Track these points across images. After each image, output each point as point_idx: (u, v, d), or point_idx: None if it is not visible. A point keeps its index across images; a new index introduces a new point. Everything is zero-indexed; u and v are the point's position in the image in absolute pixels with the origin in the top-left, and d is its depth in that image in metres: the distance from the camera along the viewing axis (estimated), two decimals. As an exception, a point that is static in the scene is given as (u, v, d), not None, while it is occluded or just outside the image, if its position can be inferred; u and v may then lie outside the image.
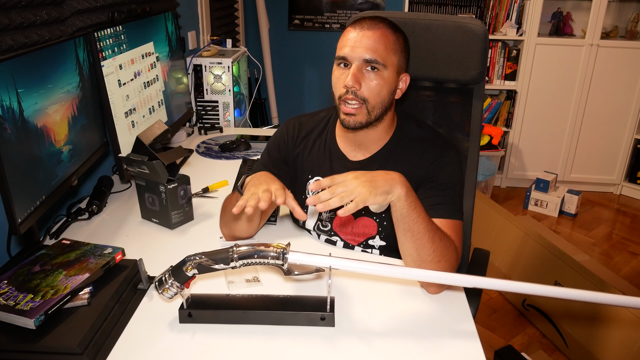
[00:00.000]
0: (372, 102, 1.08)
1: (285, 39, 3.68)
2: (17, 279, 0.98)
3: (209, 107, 2.35)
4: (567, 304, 2.02)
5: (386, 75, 1.07)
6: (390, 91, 1.10)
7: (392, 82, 1.09)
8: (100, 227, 1.36)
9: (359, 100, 1.07)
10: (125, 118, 1.49)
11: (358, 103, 1.07)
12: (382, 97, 1.08)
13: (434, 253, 1.00)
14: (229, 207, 1.18)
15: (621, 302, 1.09)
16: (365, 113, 1.08)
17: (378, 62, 1.05)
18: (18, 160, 1.06)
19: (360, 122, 1.09)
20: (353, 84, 1.05)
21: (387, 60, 1.07)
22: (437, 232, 1.01)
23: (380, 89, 1.07)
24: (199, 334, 0.94)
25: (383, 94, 1.08)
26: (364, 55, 1.05)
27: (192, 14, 2.57)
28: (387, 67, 1.07)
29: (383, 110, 1.10)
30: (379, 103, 1.09)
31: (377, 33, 1.06)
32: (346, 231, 1.22)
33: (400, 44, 1.09)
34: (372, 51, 1.05)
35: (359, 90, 1.06)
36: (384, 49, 1.06)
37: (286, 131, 1.27)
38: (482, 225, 2.56)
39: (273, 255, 0.91)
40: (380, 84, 1.07)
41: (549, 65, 3.24)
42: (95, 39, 1.34)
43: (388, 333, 0.95)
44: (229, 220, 1.20)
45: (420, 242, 0.99)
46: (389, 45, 1.07)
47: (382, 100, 1.09)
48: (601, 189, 3.49)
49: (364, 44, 1.05)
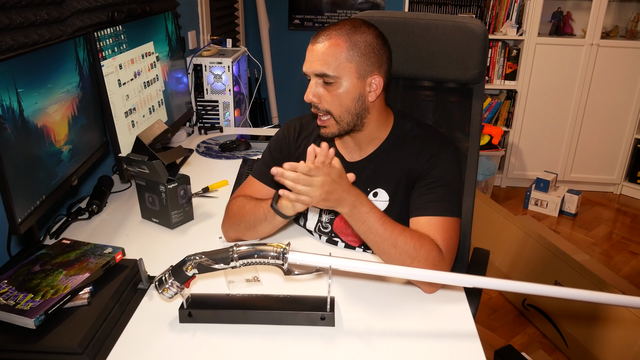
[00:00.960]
0: (336, 113, 1.08)
1: (285, 39, 3.68)
2: (17, 278, 0.98)
3: (209, 107, 2.35)
4: (567, 303, 2.02)
5: (344, 85, 1.06)
6: (355, 98, 1.07)
7: (354, 90, 1.07)
8: (100, 227, 1.36)
9: (324, 113, 1.09)
10: (125, 118, 1.49)
11: (324, 115, 1.10)
12: (345, 106, 1.08)
13: (401, 257, 1.01)
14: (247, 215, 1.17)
15: (621, 301, 1.09)
16: (335, 124, 1.10)
17: (328, 74, 1.05)
18: (18, 160, 1.06)
19: (332, 132, 1.11)
20: (310, 99, 1.08)
21: (340, 70, 1.04)
22: (400, 236, 1.01)
23: (339, 100, 1.07)
24: (199, 334, 0.94)
25: (346, 103, 1.08)
26: (315, 69, 1.06)
27: (192, 13, 2.57)
28: (341, 77, 1.05)
29: (355, 117, 1.10)
30: (345, 112, 1.08)
31: (326, 44, 1.04)
32: (347, 232, 1.22)
33: (359, 49, 1.05)
34: (320, 64, 1.05)
35: (319, 104, 1.08)
36: (334, 60, 1.04)
37: (287, 132, 1.28)
38: (482, 225, 2.56)
39: (273, 255, 0.91)
40: (338, 95, 1.07)
41: (549, 65, 3.24)
42: (95, 39, 1.34)
43: (388, 333, 0.95)
44: (247, 228, 1.18)
45: (380, 249, 1.03)
46: (340, 54, 1.04)
47: (347, 109, 1.08)
48: (601, 188, 3.49)
49: (314, 58, 1.06)
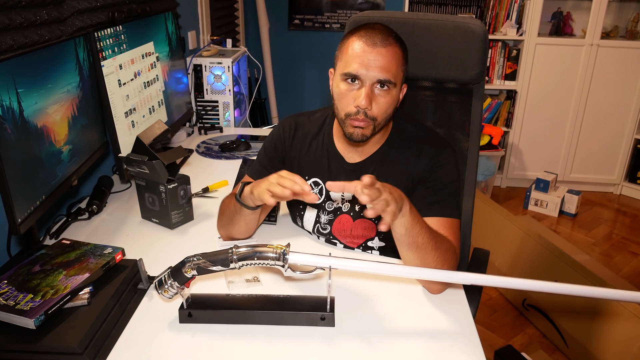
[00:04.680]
0: (380, 120, 1.07)
1: (285, 39, 3.68)
2: (17, 279, 0.98)
3: (209, 107, 2.35)
4: (567, 303, 2.02)
5: (394, 93, 1.06)
6: (394, 105, 1.09)
7: (397, 97, 1.08)
8: (100, 227, 1.36)
9: (368, 120, 1.06)
10: (125, 118, 1.49)
11: (367, 122, 1.06)
12: (388, 113, 1.08)
13: (437, 259, 1.00)
14: (227, 210, 1.18)
15: (619, 296, 1.09)
16: (372, 129, 1.08)
17: (391, 82, 1.04)
18: (18, 160, 1.06)
19: (366, 135, 1.08)
20: (367, 105, 1.03)
21: (398, 77, 1.05)
22: (438, 237, 1.01)
23: (388, 106, 1.07)
24: (199, 334, 0.94)
25: (390, 110, 1.08)
26: (379, 76, 1.02)
27: (192, 14, 2.57)
28: (396, 85, 1.06)
29: (387, 122, 1.11)
30: (385, 119, 1.09)
31: (390, 51, 1.03)
32: (345, 234, 1.22)
33: (405, 57, 1.08)
34: (386, 71, 1.02)
35: (370, 110, 1.05)
36: (396, 68, 1.04)
37: (282, 131, 1.27)
38: (482, 225, 2.56)
39: (273, 257, 0.91)
40: (389, 101, 1.06)
41: (549, 65, 3.24)
42: (95, 39, 1.34)
43: (388, 333, 0.95)
44: (227, 223, 1.19)
45: (424, 252, 0.99)
46: (400, 62, 1.05)
47: (387, 116, 1.09)
48: (601, 189, 3.49)
49: (378, 64, 1.02)
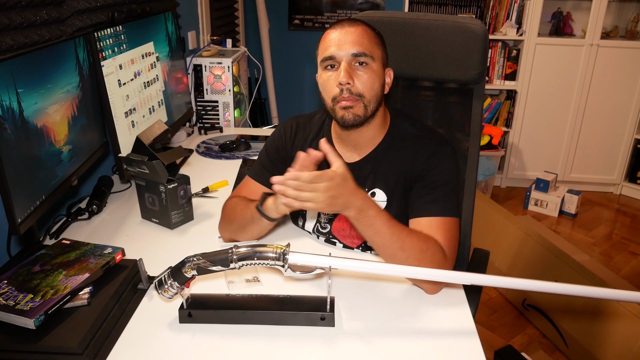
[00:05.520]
0: (367, 96, 1.07)
1: (285, 39, 3.68)
2: (17, 279, 0.98)
3: (209, 107, 2.35)
4: (567, 303, 2.02)
5: (375, 68, 1.08)
6: (381, 84, 1.10)
7: (381, 75, 1.10)
8: (100, 227, 1.36)
9: (355, 97, 1.06)
10: (125, 118, 1.49)
11: (354, 99, 1.06)
12: (375, 90, 1.08)
13: (408, 259, 1.00)
14: (238, 217, 1.18)
15: (619, 296, 1.09)
16: (362, 107, 1.07)
17: (366, 54, 1.06)
18: (18, 160, 1.06)
19: (358, 115, 1.07)
20: (347, 79, 1.04)
21: (374, 52, 1.08)
22: (407, 239, 1.01)
23: (372, 81, 1.07)
24: (199, 334, 0.94)
25: (376, 87, 1.08)
26: (352, 49, 1.05)
27: (192, 14, 2.57)
28: (374, 59, 1.07)
29: (377, 104, 1.10)
30: (374, 97, 1.09)
31: (359, 29, 1.07)
32: (345, 234, 1.22)
33: (380, 39, 1.11)
34: (358, 44, 1.05)
35: (353, 86, 1.05)
36: (369, 42, 1.07)
37: (284, 132, 1.27)
38: (482, 225, 2.56)
39: (273, 257, 0.91)
40: (372, 76, 1.07)
41: (549, 65, 3.24)
42: (95, 39, 1.34)
43: (388, 333, 0.95)
44: (238, 229, 1.19)
45: (387, 252, 1.02)
46: (372, 38, 1.08)
47: (375, 93, 1.09)
48: (601, 189, 3.49)
49: (349, 40, 1.06)
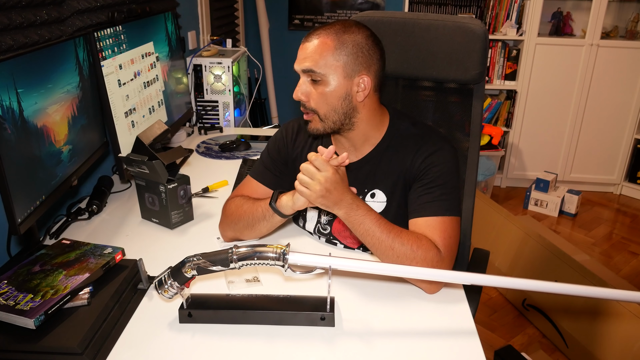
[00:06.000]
0: (321, 112, 1.09)
1: (285, 39, 3.68)
2: (17, 279, 0.98)
3: (209, 107, 2.35)
4: (567, 303, 2.02)
5: (331, 83, 1.07)
6: (341, 97, 1.08)
7: (340, 89, 1.07)
8: (100, 227, 1.36)
9: (310, 112, 1.11)
10: (125, 118, 1.49)
11: (311, 113, 1.11)
12: (331, 105, 1.08)
13: (399, 259, 1.02)
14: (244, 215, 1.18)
15: (619, 296, 1.09)
16: (319, 121, 1.11)
17: (314, 71, 1.06)
18: (18, 160, 1.06)
19: (317, 128, 1.12)
20: (298, 97, 1.10)
21: (327, 68, 1.05)
22: (397, 238, 1.02)
23: (325, 98, 1.08)
24: (199, 334, 0.94)
25: (332, 102, 1.08)
26: (302, 66, 1.07)
27: (192, 14, 2.57)
28: (327, 75, 1.06)
29: (342, 116, 1.10)
30: (331, 111, 1.09)
31: (315, 43, 1.06)
32: (345, 235, 1.22)
33: (347, 48, 1.05)
34: (309, 61, 1.06)
35: (307, 102, 1.10)
36: (321, 58, 1.05)
37: (286, 133, 1.28)
38: (482, 225, 2.56)
39: (273, 257, 0.91)
40: (325, 93, 1.07)
41: (549, 65, 3.24)
42: (95, 39, 1.34)
43: (388, 333, 0.95)
44: (245, 227, 1.19)
45: (378, 251, 1.04)
46: (327, 52, 1.05)
47: (333, 108, 1.09)
48: (601, 188, 3.49)
49: (301, 56, 1.08)
